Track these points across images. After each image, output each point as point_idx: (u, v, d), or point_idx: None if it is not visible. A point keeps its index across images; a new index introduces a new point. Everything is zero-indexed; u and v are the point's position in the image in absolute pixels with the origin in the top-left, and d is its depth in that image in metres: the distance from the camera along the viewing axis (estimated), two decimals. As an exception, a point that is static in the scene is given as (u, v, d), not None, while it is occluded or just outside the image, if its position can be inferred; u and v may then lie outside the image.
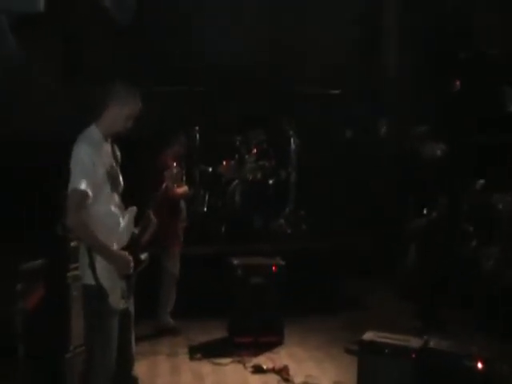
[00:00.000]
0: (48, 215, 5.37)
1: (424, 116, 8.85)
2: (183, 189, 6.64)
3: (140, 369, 5.45)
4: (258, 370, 5.79)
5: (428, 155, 6.51)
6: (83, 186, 3.72)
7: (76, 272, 4.88)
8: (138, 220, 4.15)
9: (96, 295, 3.83)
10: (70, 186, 3.75)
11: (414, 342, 4.82)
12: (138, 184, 4.93)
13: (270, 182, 8.73)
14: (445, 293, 6.75)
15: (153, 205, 4.48)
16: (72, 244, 4.97)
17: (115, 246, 3.91)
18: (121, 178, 4.08)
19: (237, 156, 8.70)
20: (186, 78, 9.23)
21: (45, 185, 7.12)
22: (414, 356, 4.70)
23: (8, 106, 7.51)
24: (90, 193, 3.76)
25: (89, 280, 3.85)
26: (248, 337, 6.40)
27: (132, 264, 3.97)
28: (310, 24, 9.71)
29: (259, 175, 8.66)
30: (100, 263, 3.82)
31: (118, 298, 3.94)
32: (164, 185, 5.47)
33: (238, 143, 8.72)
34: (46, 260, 5.07)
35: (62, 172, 3.91)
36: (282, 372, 5.67)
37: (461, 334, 6.43)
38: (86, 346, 4.09)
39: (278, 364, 5.85)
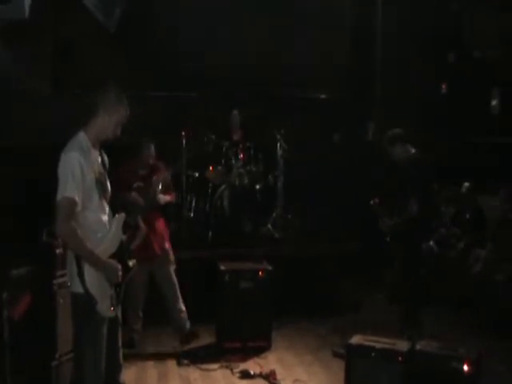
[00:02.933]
0: (34, 222, 5.37)
1: (412, 118, 8.93)
2: (171, 196, 6.59)
3: (128, 375, 5.46)
4: (245, 375, 5.79)
5: (398, 157, 6.48)
6: (72, 193, 3.71)
7: (62, 279, 4.88)
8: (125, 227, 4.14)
9: (85, 304, 3.82)
10: (59, 194, 3.73)
11: (401, 346, 4.84)
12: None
13: (258, 186, 8.72)
14: (429, 294, 6.73)
15: (143, 212, 4.47)
16: (57, 251, 4.96)
17: (104, 254, 3.90)
18: (109, 185, 4.07)
19: (224, 161, 8.68)
20: (172, 82, 9.23)
21: (31, 191, 7.13)
22: (400, 359, 4.72)
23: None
24: (79, 201, 3.75)
25: (78, 288, 3.83)
26: (236, 342, 6.39)
27: (121, 272, 3.97)
28: (299, 27, 9.74)
29: (246, 180, 8.64)
30: (89, 271, 3.81)
31: (108, 306, 3.93)
32: (152, 190, 5.48)
33: (224, 148, 8.71)
34: (32, 267, 5.05)
35: (50, 179, 3.90)
36: (270, 377, 5.68)
37: (450, 336, 6.47)
38: (75, 354, 4.07)
39: (266, 369, 5.85)
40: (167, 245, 6.49)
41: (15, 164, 7.37)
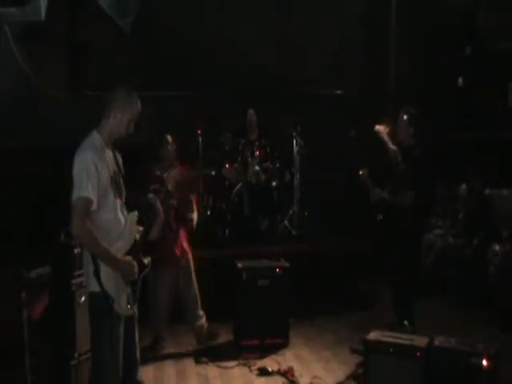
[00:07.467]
0: (51, 222, 5.41)
1: (425, 113, 8.86)
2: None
3: (146, 374, 5.50)
4: (263, 372, 5.79)
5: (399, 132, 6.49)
6: (88, 193, 3.74)
7: (80, 279, 4.91)
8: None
9: (102, 303, 3.84)
10: (75, 194, 3.75)
11: (420, 341, 4.82)
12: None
13: (274, 184, 8.73)
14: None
15: (158, 196, 4.49)
16: (76, 251, 4.99)
17: (119, 252, 3.92)
18: (123, 184, 4.09)
19: (240, 159, 8.68)
20: (188, 80, 9.24)
21: (48, 192, 7.18)
22: (419, 355, 4.71)
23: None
24: (95, 200, 3.77)
25: (94, 288, 3.86)
26: (253, 339, 6.39)
27: (137, 270, 3.99)
28: (312, 24, 9.73)
29: (263, 177, 8.65)
30: (105, 270, 3.83)
31: (125, 305, 3.96)
32: (164, 189, 5.48)
33: (240, 146, 8.72)
34: (50, 267, 5.09)
35: (64, 179, 3.92)
36: (288, 374, 5.68)
37: (465, 332, 6.42)
38: (93, 353, 4.10)
39: (284, 366, 5.86)
40: (188, 249, 6.54)
41: (20, 164, 7.42)
